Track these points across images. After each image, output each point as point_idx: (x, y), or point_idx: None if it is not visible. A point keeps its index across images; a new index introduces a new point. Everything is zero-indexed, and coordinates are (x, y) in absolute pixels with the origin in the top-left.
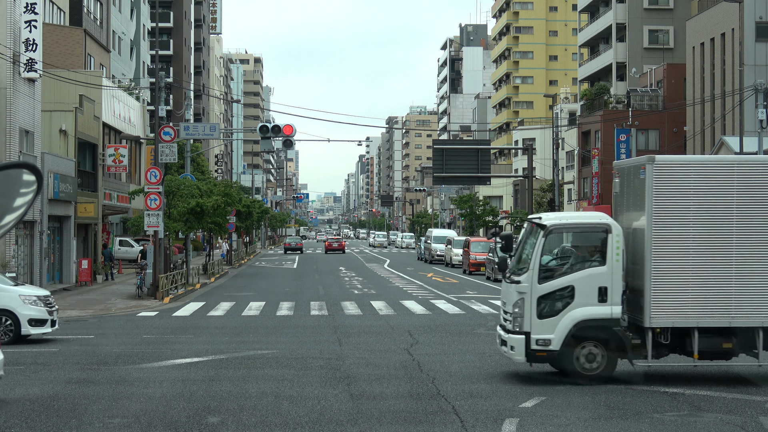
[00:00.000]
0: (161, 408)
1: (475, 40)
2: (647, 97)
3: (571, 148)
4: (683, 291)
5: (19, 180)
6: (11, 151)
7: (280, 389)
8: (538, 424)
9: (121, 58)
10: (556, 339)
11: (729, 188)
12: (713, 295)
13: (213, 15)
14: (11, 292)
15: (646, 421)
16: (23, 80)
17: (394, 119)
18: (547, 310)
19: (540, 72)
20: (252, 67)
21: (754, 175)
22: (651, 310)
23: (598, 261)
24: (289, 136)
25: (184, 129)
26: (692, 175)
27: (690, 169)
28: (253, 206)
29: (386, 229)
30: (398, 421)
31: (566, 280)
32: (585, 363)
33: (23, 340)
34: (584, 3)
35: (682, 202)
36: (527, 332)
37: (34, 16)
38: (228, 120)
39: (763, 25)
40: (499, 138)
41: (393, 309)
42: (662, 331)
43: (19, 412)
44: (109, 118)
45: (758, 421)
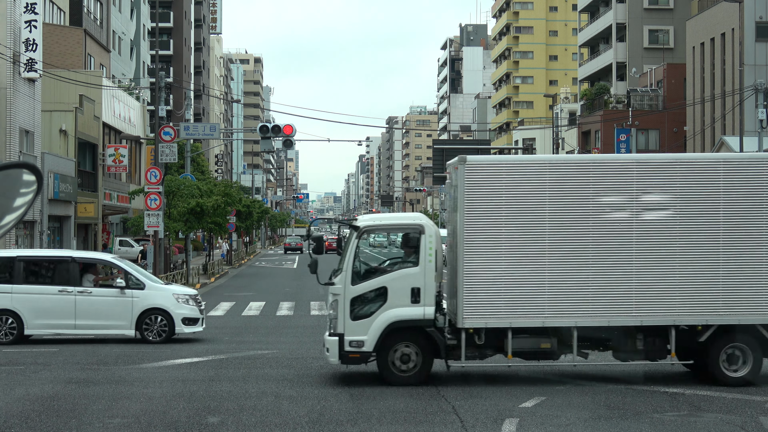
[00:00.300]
0: (161, 408)
1: (475, 40)
2: (647, 97)
3: (571, 148)
4: (495, 292)
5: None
6: (11, 151)
7: (280, 389)
8: (538, 424)
9: (121, 58)
10: (369, 340)
11: (541, 188)
12: (526, 296)
13: (213, 15)
14: (165, 291)
15: (646, 421)
16: (23, 80)
17: (394, 119)
18: (360, 311)
19: (540, 72)
20: (252, 67)
21: (565, 172)
22: (463, 311)
23: (412, 262)
24: (289, 136)
25: (184, 129)
26: (504, 175)
27: (502, 169)
28: (253, 206)
29: None
30: (398, 421)
31: (379, 282)
32: (400, 364)
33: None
34: (584, 3)
35: (494, 203)
36: (341, 334)
37: (34, 16)
38: (228, 120)
39: (763, 25)
40: (499, 138)
41: None
42: (476, 331)
43: (19, 412)
44: (109, 118)
45: (758, 421)
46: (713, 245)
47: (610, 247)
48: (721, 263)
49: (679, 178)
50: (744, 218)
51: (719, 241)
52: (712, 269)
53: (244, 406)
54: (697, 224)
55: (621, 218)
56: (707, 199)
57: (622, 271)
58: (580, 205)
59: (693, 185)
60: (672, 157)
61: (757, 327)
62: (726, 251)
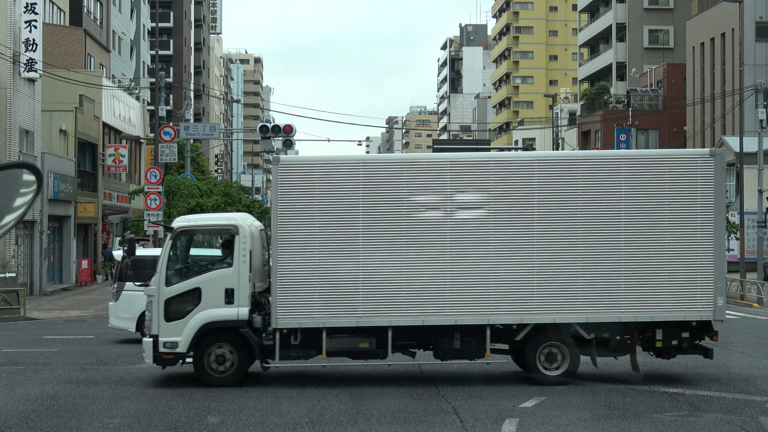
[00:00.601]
0: (161, 408)
1: (475, 40)
2: (647, 97)
3: (571, 148)
4: (309, 293)
5: (19, 180)
6: (11, 151)
7: (280, 389)
8: (538, 424)
9: (121, 58)
10: (183, 341)
11: (355, 188)
12: (340, 298)
13: (213, 15)
14: None
15: (646, 421)
16: (23, 80)
17: (394, 119)
18: (174, 312)
19: (540, 72)
20: (252, 67)
21: (378, 170)
22: (277, 312)
23: (227, 263)
24: (289, 136)
25: (184, 129)
26: (318, 174)
27: (316, 168)
28: (253, 206)
29: None
30: (398, 421)
31: (193, 282)
32: (215, 365)
33: None
34: (584, 3)
35: (307, 204)
36: (155, 335)
37: (34, 16)
38: (228, 120)
39: (763, 25)
40: (499, 138)
41: None
42: (291, 332)
43: (19, 412)
44: (109, 118)
45: (758, 421)
46: (527, 245)
47: (424, 248)
48: (534, 263)
49: (490, 174)
50: (553, 219)
51: (532, 240)
52: (525, 269)
53: (244, 406)
54: (509, 222)
55: (434, 218)
56: (521, 193)
57: (437, 271)
58: (393, 205)
59: (505, 180)
60: (483, 156)
61: (574, 325)
62: (540, 251)
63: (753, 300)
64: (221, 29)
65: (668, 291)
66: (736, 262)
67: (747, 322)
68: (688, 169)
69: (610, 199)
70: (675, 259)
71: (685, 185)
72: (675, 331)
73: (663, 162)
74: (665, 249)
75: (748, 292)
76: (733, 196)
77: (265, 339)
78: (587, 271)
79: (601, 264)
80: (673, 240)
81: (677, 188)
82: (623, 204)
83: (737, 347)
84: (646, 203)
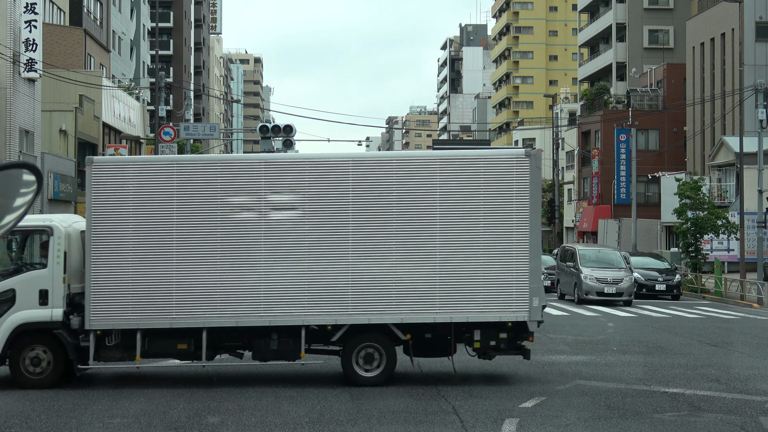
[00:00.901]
0: (161, 408)
1: (475, 40)
2: (647, 97)
3: (571, 148)
4: (122, 295)
5: (19, 180)
6: (11, 151)
7: (280, 389)
8: (538, 424)
9: (121, 58)
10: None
11: (169, 189)
12: (155, 298)
13: (213, 15)
14: None
15: (646, 421)
16: (23, 80)
17: (394, 119)
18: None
19: (540, 72)
20: (252, 67)
21: (192, 171)
22: (90, 313)
23: (42, 264)
24: (289, 136)
25: (184, 129)
26: (132, 175)
27: (130, 168)
28: None
29: None
30: (398, 421)
31: (7, 284)
32: (31, 367)
33: None
34: (584, 3)
35: (121, 204)
36: None
37: (34, 16)
38: (228, 120)
39: (763, 25)
40: (499, 138)
41: None
42: (105, 333)
43: (19, 412)
44: (109, 118)
45: (758, 421)
46: (341, 246)
47: (237, 247)
48: (349, 264)
49: (305, 175)
50: (367, 219)
51: (347, 241)
52: (339, 270)
53: (244, 406)
54: (324, 222)
55: (248, 218)
56: (336, 194)
57: (250, 271)
58: (207, 207)
59: (320, 182)
60: (298, 157)
61: (390, 326)
62: (354, 251)
63: (753, 300)
64: (221, 29)
65: (484, 292)
66: (736, 262)
67: (747, 322)
68: (503, 170)
69: (425, 201)
70: (491, 260)
71: (501, 186)
72: (493, 332)
73: (478, 163)
74: (481, 250)
75: (748, 292)
76: (733, 196)
77: (82, 340)
78: (403, 272)
79: (416, 266)
80: (489, 241)
81: (493, 189)
82: (438, 205)
83: (737, 347)
84: (462, 204)
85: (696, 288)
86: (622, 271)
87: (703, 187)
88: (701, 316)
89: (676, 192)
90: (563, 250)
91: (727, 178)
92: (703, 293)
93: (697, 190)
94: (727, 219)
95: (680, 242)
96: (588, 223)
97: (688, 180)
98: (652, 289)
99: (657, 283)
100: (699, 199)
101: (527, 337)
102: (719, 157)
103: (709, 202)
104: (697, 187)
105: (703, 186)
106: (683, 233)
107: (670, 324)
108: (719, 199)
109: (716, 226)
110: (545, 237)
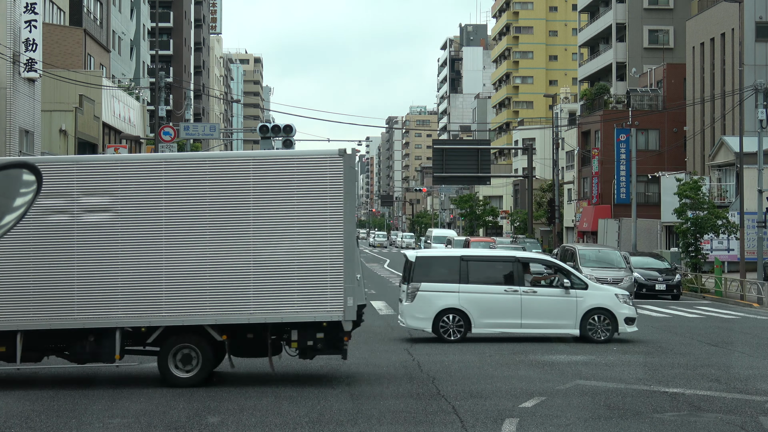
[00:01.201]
0: (161, 408)
1: (475, 40)
2: (647, 97)
3: (571, 148)
4: None
5: (19, 180)
6: (11, 151)
7: (280, 389)
8: (538, 424)
9: (121, 58)
10: None
11: None
12: None
13: (213, 15)
14: (608, 291)
15: (646, 421)
16: (23, 80)
17: (394, 119)
18: None
19: (540, 72)
20: (252, 67)
21: None
22: None
23: None
24: (289, 136)
25: (184, 129)
26: None
27: None
28: None
29: (386, 229)
30: (398, 421)
31: None
32: None
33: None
34: (584, 3)
35: None
36: None
37: (34, 16)
38: (228, 120)
39: (763, 25)
40: (499, 138)
41: (393, 309)
42: None
43: (19, 412)
44: (109, 118)
45: (758, 421)
46: (153, 248)
47: (48, 249)
48: (162, 266)
49: (117, 176)
50: (180, 220)
51: (159, 243)
52: (152, 272)
53: (244, 406)
54: (137, 223)
55: (60, 221)
56: (147, 195)
57: (62, 273)
58: None
59: (131, 181)
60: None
61: (206, 328)
62: (166, 253)
63: (753, 300)
64: (221, 29)
65: (299, 292)
66: (736, 262)
67: (747, 322)
68: (317, 170)
69: (238, 201)
70: (305, 260)
71: (315, 186)
72: (310, 332)
73: (292, 163)
74: (295, 251)
75: (748, 292)
76: (733, 196)
77: None
78: (216, 274)
79: (230, 268)
80: (303, 241)
81: (307, 189)
82: (252, 205)
83: (737, 347)
84: (276, 204)
85: (696, 288)
86: (622, 271)
87: (703, 187)
88: (701, 315)
89: (676, 192)
90: (563, 250)
91: (727, 178)
92: (703, 293)
93: (697, 190)
94: (727, 219)
95: (680, 242)
96: (588, 223)
97: (688, 180)
98: (652, 289)
99: (657, 283)
100: (699, 199)
101: (343, 336)
102: (719, 157)
103: (709, 202)
104: (697, 187)
105: (703, 186)
106: (683, 233)
107: (670, 324)
108: (719, 199)
109: (716, 225)
110: (545, 237)
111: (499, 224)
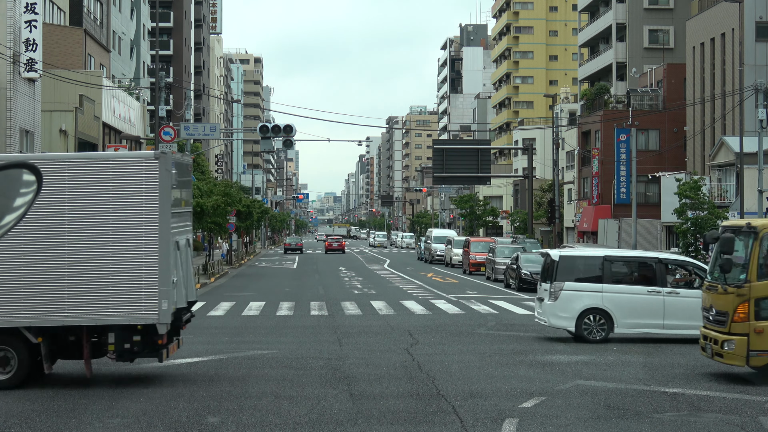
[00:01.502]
0: (161, 408)
1: (475, 40)
2: (647, 97)
3: (571, 148)
4: None
5: (19, 180)
6: (11, 151)
7: (280, 389)
8: (538, 424)
9: (121, 58)
10: None
11: None
12: None
13: (213, 15)
14: None
15: (646, 421)
16: (23, 80)
17: (394, 119)
18: None
19: (540, 72)
20: (252, 67)
21: None
22: None
23: None
24: (289, 136)
25: (184, 129)
26: None
27: None
28: (253, 206)
29: (386, 229)
30: (398, 421)
31: None
32: None
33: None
34: (584, 3)
35: None
36: None
37: (34, 16)
38: (228, 120)
39: (763, 25)
40: (499, 138)
41: (393, 309)
42: None
43: (19, 412)
44: (109, 118)
45: (758, 421)
46: None
47: None
48: None
49: None
50: None
51: None
52: None
53: (244, 406)
54: None
55: None
56: None
57: None
58: None
59: None
60: None
61: (21, 329)
62: None
63: None
64: (221, 29)
65: (113, 294)
66: None
67: None
68: (132, 171)
69: (52, 204)
70: (119, 263)
71: (130, 188)
72: (127, 335)
73: (107, 164)
74: (109, 253)
75: None
76: (733, 196)
77: None
78: (30, 276)
79: (44, 269)
80: (118, 244)
81: (122, 191)
82: (67, 207)
83: None
84: (91, 207)
85: None
86: None
87: (703, 187)
88: None
89: (676, 192)
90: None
91: (727, 178)
92: None
93: (697, 190)
94: (727, 219)
95: (680, 242)
96: (588, 223)
97: (688, 180)
98: None
99: None
100: (699, 199)
101: (157, 339)
102: (719, 157)
103: (709, 202)
104: (697, 187)
105: (703, 186)
106: (683, 233)
107: None
108: (719, 199)
109: (716, 226)
110: (545, 237)
111: (499, 224)
